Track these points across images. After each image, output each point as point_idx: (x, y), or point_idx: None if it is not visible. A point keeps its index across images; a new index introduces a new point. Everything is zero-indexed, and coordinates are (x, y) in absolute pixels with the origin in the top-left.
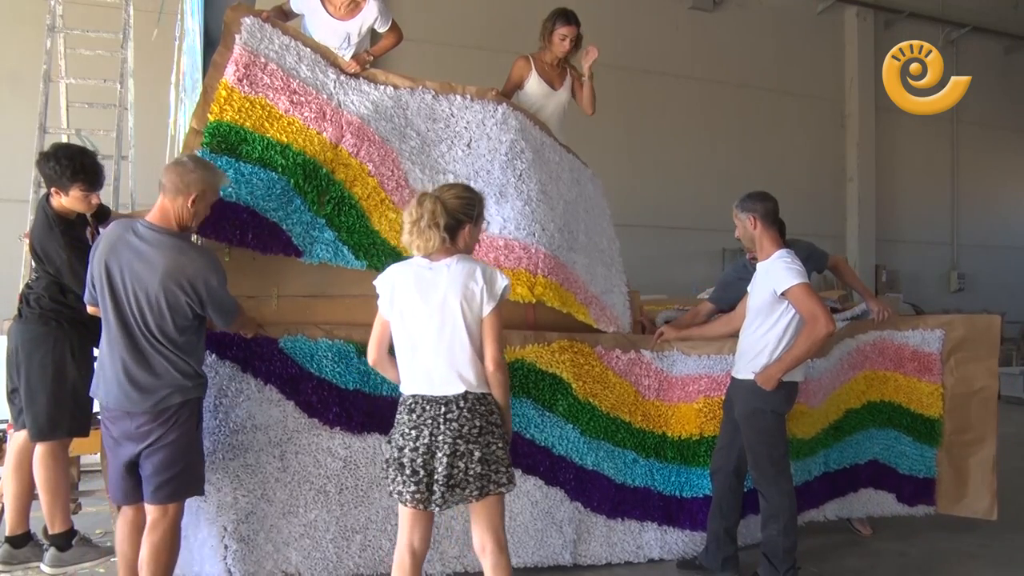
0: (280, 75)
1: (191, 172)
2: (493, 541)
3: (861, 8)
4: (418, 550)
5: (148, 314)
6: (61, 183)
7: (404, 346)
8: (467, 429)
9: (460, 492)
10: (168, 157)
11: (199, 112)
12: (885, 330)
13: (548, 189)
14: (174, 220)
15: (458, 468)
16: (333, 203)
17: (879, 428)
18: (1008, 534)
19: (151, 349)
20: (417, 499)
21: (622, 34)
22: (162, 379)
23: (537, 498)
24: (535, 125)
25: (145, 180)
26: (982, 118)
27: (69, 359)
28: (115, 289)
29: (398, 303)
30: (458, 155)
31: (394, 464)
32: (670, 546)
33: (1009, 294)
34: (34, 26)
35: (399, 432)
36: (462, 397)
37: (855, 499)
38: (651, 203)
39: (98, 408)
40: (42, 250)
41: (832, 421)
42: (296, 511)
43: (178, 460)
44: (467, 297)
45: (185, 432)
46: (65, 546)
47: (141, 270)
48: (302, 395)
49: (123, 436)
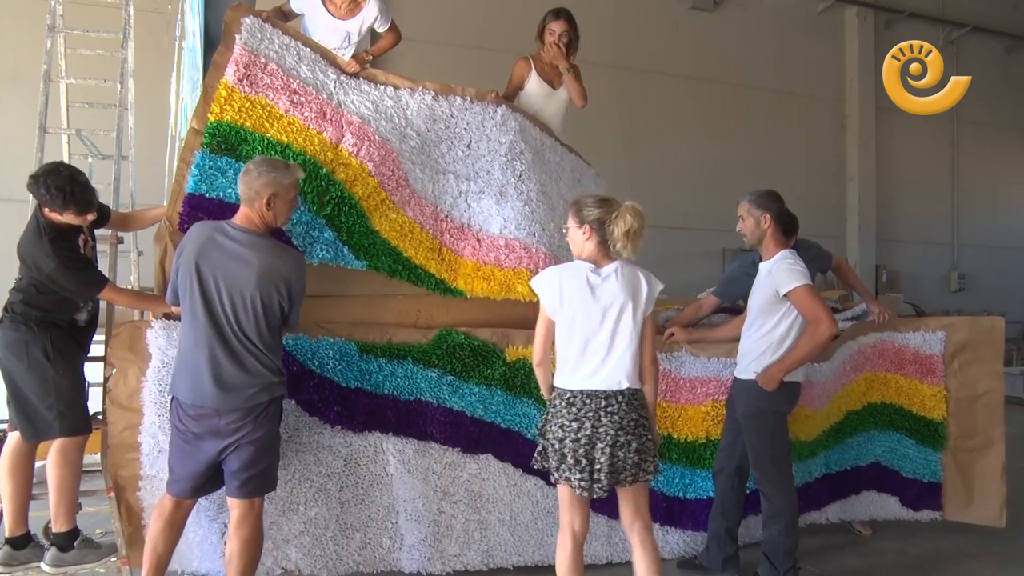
0: (280, 75)
1: (257, 178)
2: (642, 521)
3: (861, 8)
4: (579, 532)
5: (241, 314)
6: (53, 206)
7: (573, 345)
8: (626, 422)
9: (618, 478)
10: (168, 157)
11: (199, 112)
12: (885, 332)
13: (548, 189)
14: (259, 223)
15: (618, 457)
16: (333, 203)
17: (881, 430)
18: (1009, 534)
19: (242, 348)
20: (583, 487)
21: (622, 34)
22: (253, 377)
23: (538, 498)
24: (535, 126)
25: (145, 180)
26: (982, 118)
27: (44, 360)
28: (206, 290)
29: (568, 305)
30: (458, 155)
31: (555, 454)
32: (671, 546)
33: (1009, 294)
34: (34, 26)
35: (556, 424)
36: (621, 393)
37: (857, 501)
38: (651, 203)
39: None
40: (30, 257)
41: (833, 423)
42: (296, 508)
43: (264, 456)
44: (635, 299)
45: (270, 429)
46: (67, 546)
47: (236, 271)
48: (303, 393)
49: (208, 432)
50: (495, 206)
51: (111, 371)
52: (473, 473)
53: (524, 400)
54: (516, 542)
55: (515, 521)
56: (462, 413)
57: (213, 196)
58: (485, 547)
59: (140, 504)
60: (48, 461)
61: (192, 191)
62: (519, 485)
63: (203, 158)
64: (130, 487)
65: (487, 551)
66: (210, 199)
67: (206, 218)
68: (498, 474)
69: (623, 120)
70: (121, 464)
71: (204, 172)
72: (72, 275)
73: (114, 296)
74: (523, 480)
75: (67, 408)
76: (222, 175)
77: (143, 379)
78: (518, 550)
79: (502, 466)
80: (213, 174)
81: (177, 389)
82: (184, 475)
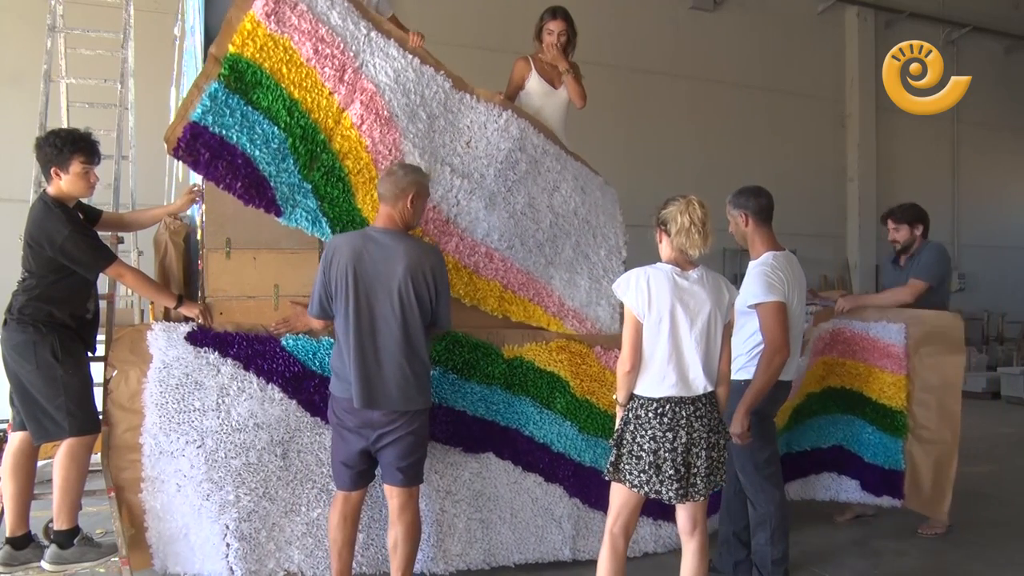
0: (309, 18)
1: (403, 178)
2: (701, 529)
3: (861, 8)
4: (629, 533)
5: (399, 311)
6: (61, 159)
7: (663, 350)
8: (715, 423)
9: (713, 480)
10: (169, 157)
11: (220, 40)
12: (844, 319)
13: (537, 202)
14: (400, 222)
15: (712, 459)
16: (323, 171)
17: (842, 413)
18: (1009, 535)
19: (395, 349)
20: (681, 495)
21: (622, 34)
22: (405, 381)
23: (537, 495)
24: (539, 132)
25: (145, 180)
26: (982, 118)
27: (52, 360)
28: (365, 293)
29: (657, 308)
30: (458, 150)
31: (648, 467)
32: (663, 540)
33: (1009, 294)
34: (34, 26)
35: (648, 436)
36: (706, 395)
37: (816, 481)
38: (651, 203)
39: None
40: (41, 233)
41: (794, 404)
42: (298, 509)
43: (420, 446)
44: (719, 304)
45: (424, 421)
46: (67, 544)
47: (392, 267)
48: (304, 394)
49: (365, 425)
50: (483, 210)
51: (112, 373)
52: (474, 472)
53: (521, 398)
54: (517, 540)
55: (515, 519)
56: (464, 412)
57: (216, 132)
58: (487, 546)
59: (142, 506)
60: (56, 460)
61: (197, 120)
62: (519, 483)
63: (218, 90)
64: (131, 489)
65: (489, 549)
66: (212, 134)
67: (204, 151)
68: (499, 472)
69: (623, 120)
70: (123, 466)
71: (216, 104)
72: (85, 244)
73: (122, 272)
74: (523, 477)
75: (76, 407)
76: (231, 114)
77: (144, 380)
78: (519, 548)
79: (502, 464)
80: (223, 109)
81: (334, 387)
82: (342, 466)
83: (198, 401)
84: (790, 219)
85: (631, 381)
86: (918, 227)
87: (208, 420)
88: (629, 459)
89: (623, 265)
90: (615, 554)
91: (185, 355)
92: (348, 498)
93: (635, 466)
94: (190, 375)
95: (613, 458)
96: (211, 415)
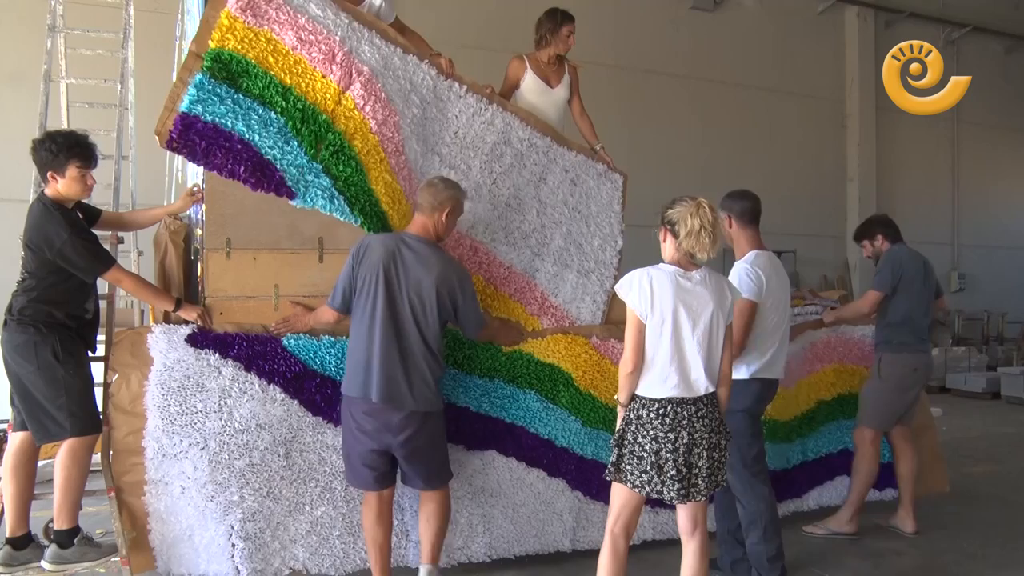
0: (287, 10)
1: (442, 191)
2: (701, 530)
3: (861, 8)
4: (630, 533)
5: (422, 317)
6: (57, 163)
7: (665, 351)
8: (716, 423)
9: (715, 480)
10: (168, 157)
11: (200, 37)
12: (843, 326)
13: (523, 193)
14: (432, 233)
15: (714, 459)
16: (331, 150)
17: (847, 418)
18: (1009, 535)
19: (418, 351)
20: (683, 495)
21: (622, 34)
22: (424, 382)
23: (539, 489)
24: (525, 126)
25: (145, 180)
26: (982, 118)
27: (54, 361)
28: (393, 294)
29: (660, 309)
30: (447, 139)
31: (650, 467)
32: (662, 527)
33: (1009, 294)
34: (34, 26)
35: (650, 436)
36: (707, 396)
37: (832, 487)
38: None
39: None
40: (40, 236)
41: (805, 410)
42: (302, 508)
43: (438, 447)
44: (722, 306)
45: (440, 422)
46: (67, 543)
47: (421, 275)
48: (306, 393)
49: (383, 427)
50: (467, 203)
51: (113, 376)
52: (477, 468)
53: (527, 392)
54: (518, 533)
55: (517, 513)
56: (466, 409)
57: (209, 120)
58: (488, 539)
59: (145, 509)
60: (57, 460)
61: (187, 111)
62: (522, 478)
63: (202, 80)
64: (134, 492)
65: (490, 543)
66: (205, 123)
67: (199, 140)
68: (502, 468)
69: (623, 120)
70: (125, 470)
71: (202, 94)
72: (84, 247)
73: (120, 277)
74: (526, 473)
75: (78, 408)
76: (221, 101)
77: (145, 384)
78: (519, 541)
79: (505, 461)
80: (211, 98)
81: (349, 387)
82: (358, 467)
83: (200, 403)
84: (790, 219)
85: (633, 382)
86: (875, 239)
87: (211, 422)
88: (631, 459)
89: (618, 255)
90: (616, 555)
91: (186, 357)
92: (381, 496)
93: (636, 466)
94: (191, 377)
95: (614, 458)
96: (213, 417)
